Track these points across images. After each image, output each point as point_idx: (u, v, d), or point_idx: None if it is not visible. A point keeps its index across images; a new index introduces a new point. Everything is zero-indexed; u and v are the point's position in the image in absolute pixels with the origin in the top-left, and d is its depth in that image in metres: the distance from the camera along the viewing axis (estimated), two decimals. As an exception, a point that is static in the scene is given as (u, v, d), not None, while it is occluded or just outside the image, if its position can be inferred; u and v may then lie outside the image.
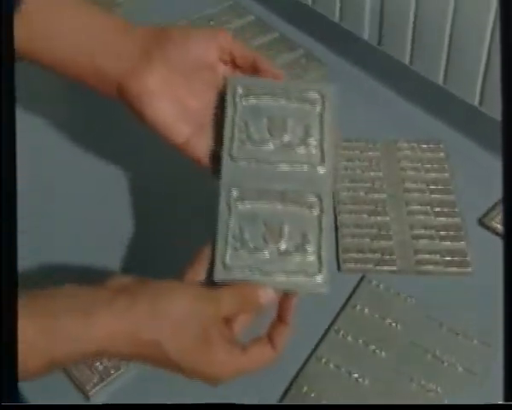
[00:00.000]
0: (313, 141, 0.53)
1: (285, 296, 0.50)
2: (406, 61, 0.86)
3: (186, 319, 0.46)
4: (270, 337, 0.49)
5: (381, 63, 0.83)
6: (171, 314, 0.46)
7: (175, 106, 0.53)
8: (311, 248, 0.50)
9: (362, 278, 0.64)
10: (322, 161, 0.52)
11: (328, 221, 0.51)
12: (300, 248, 0.50)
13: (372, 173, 0.74)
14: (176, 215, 0.69)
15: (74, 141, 0.76)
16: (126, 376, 0.56)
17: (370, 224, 0.69)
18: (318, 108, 0.54)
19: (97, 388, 0.55)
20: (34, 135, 0.73)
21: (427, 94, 0.80)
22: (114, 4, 0.95)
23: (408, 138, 0.77)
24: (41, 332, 0.43)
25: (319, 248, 0.50)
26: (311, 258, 0.50)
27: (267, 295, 0.49)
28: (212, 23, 0.92)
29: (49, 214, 0.69)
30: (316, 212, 0.51)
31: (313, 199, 0.51)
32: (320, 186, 0.52)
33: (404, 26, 0.85)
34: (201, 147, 0.54)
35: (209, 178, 0.55)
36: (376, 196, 0.71)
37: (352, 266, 0.65)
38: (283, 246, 0.50)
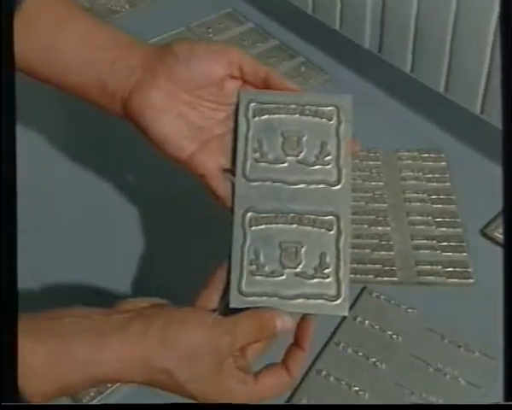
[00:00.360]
0: (329, 158, 0.52)
1: (303, 320, 0.49)
2: (407, 68, 0.86)
3: (199, 349, 0.46)
4: (285, 363, 0.49)
5: (381, 71, 0.83)
6: (183, 344, 0.45)
7: (179, 122, 0.52)
8: (329, 269, 0.49)
9: (362, 290, 0.64)
10: (339, 178, 0.51)
11: (346, 241, 0.50)
12: (318, 270, 0.49)
13: (373, 183, 0.74)
14: (185, 226, 0.69)
15: (75, 144, 0.76)
16: (123, 389, 0.56)
17: (371, 234, 0.69)
18: (334, 123, 0.52)
19: (95, 401, 0.55)
20: (34, 139, 0.73)
21: (428, 102, 0.80)
22: (112, 12, 0.95)
23: (409, 147, 0.77)
24: (51, 357, 0.43)
25: (337, 269, 0.49)
26: (330, 280, 0.49)
27: (285, 324, 0.48)
28: (210, 30, 0.93)
29: (48, 217, 0.69)
30: (333, 232, 0.50)
31: (330, 219, 0.50)
32: (337, 205, 0.51)
33: (404, 33, 0.85)
34: (206, 163, 0.53)
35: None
36: (377, 205, 0.71)
37: (352, 277, 0.64)
38: (300, 268, 0.49)
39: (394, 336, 0.60)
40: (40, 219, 0.66)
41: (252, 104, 0.53)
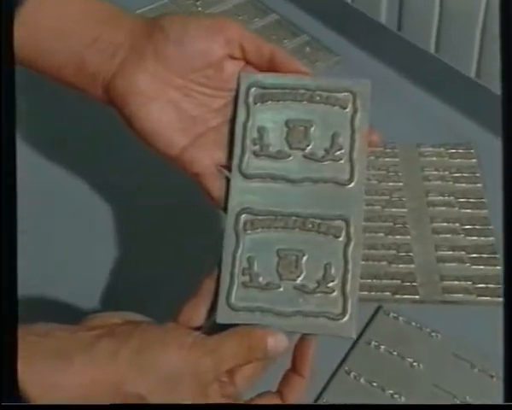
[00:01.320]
0: (341, 152, 0.52)
1: (302, 342, 0.49)
2: (431, 48, 0.87)
3: (178, 373, 0.46)
4: (280, 391, 0.49)
5: (401, 52, 0.84)
6: (160, 368, 0.46)
7: (169, 111, 0.53)
8: (334, 282, 0.49)
9: (377, 309, 0.65)
10: (351, 176, 0.51)
11: (355, 250, 0.50)
12: (322, 283, 0.49)
13: (390, 184, 0.74)
14: (179, 234, 0.71)
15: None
16: None
17: (387, 244, 0.69)
18: (349, 111, 0.53)
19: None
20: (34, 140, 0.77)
21: (456, 88, 0.80)
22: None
23: (433, 141, 0.77)
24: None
25: (344, 282, 0.49)
26: (335, 295, 0.49)
27: (278, 343, 0.48)
28: (198, 3, 0.93)
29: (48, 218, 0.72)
30: (341, 239, 0.50)
31: (339, 223, 0.51)
32: (347, 208, 0.51)
33: (428, 7, 0.85)
34: (200, 160, 0.53)
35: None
36: (395, 210, 0.72)
37: (365, 294, 0.65)
38: (301, 281, 0.50)
39: (415, 364, 0.61)
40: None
41: (253, 89, 0.53)
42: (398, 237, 0.70)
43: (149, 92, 0.52)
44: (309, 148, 0.52)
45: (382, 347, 0.62)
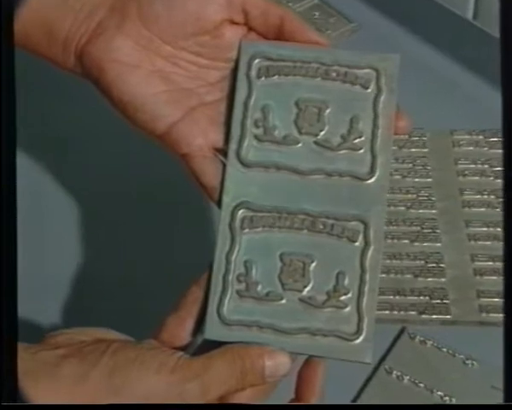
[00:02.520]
0: (361, 140, 0.52)
1: (307, 366, 0.50)
2: (469, 14, 0.87)
3: (158, 401, 0.46)
4: None
5: (431, 18, 0.84)
6: (136, 394, 0.46)
7: (154, 82, 0.53)
8: (347, 295, 0.50)
9: (401, 332, 0.65)
10: (373, 170, 0.52)
11: (375, 258, 0.50)
12: (333, 295, 0.50)
13: (416, 179, 0.75)
14: (162, 232, 0.72)
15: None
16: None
17: (414, 253, 0.70)
18: (372, 91, 0.53)
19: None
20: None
21: (497, 61, 0.80)
22: None
23: (469, 127, 0.78)
24: None
25: (360, 296, 0.50)
26: (348, 310, 0.50)
27: (278, 366, 0.48)
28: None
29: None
30: (358, 244, 0.51)
31: (355, 225, 0.51)
32: (366, 207, 0.51)
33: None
34: (190, 139, 0.53)
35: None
36: (422, 212, 0.73)
37: (386, 313, 0.66)
38: (308, 292, 0.50)
39: (446, 398, 0.62)
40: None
41: (257, 60, 0.54)
42: (426, 244, 0.71)
43: (131, 59, 0.53)
44: (322, 133, 0.53)
45: (406, 377, 0.63)
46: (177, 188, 0.59)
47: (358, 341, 0.49)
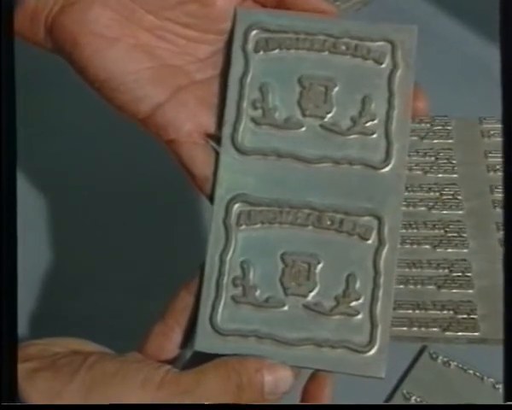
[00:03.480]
0: (374, 123, 0.53)
1: (313, 381, 0.51)
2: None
3: None
4: None
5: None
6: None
7: (136, 57, 0.53)
8: (359, 301, 0.50)
9: (421, 351, 0.66)
10: (388, 157, 0.52)
11: (390, 258, 0.51)
12: (342, 301, 0.51)
13: (439, 175, 0.75)
14: (146, 229, 0.74)
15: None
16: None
17: (436, 260, 0.71)
18: (387, 67, 0.53)
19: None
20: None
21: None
22: None
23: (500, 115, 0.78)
24: None
25: (373, 302, 0.50)
26: (360, 318, 0.50)
27: (279, 382, 0.49)
28: None
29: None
30: (370, 242, 0.51)
31: (368, 221, 0.52)
32: (381, 199, 0.52)
33: None
34: (177, 123, 0.53)
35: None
36: (446, 213, 0.73)
37: (404, 330, 0.66)
38: (313, 297, 0.51)
39: (473, 428, 0.62)
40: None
41: (254, 32, 0.54)
42: (450, 250, 0.71)
43: (109, 32, 0.53)
44: (329, 116, 0.53)
45: (427, 401, 0.63)
46: (177, 187, 0.60)
47: (371, 353, 0.50)
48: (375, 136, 0.52)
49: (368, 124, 0.52)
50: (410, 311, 0.67)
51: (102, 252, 0.73)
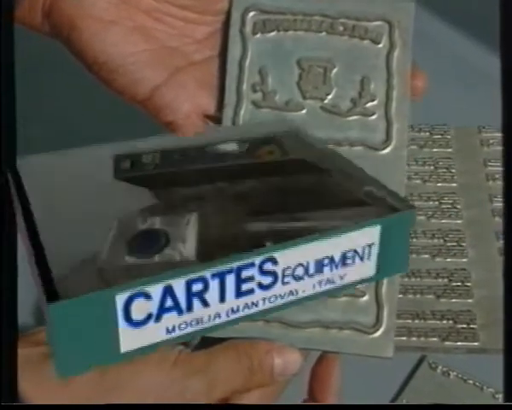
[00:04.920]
0: (374, 104, 0.53)
1: (321, 362, 0.51)
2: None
3: (159, 397, 0.47)
4: None
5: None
6: (135, 389, 0.47)
7: (134, 39, 0.53)
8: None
9: (420, 361, 0.66)
10: (388, 138, 0.53)
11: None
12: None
13: (439, 184, 0.75)
14: None
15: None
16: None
17: (435, 270, 0.71)
18: (384, 47, 0.54)
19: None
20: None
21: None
22: None
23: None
24: None
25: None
26: (365, 298, 0.51)
27: (288, 364, 0.49)
28: None
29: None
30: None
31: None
32: (384, 177, 0.51)
33: None
34: (176, 104, 0.53)
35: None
36: (446, 222, 0.73)
37: (403, 340, 0.66)
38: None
39: (473, 439, 0.62)
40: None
41: (251, 13, 0.54)
42: (449, 259, 0.71)
43: (107, 15, 0.54)
44: (329, 97, 0.53)
45: (427, 413, 0.63)
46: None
47: (378, 333, 0.50)
48: (375, 117, 0.54)
49: (368, 105, 0.54)
50: (409, 320, 0.67)
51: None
